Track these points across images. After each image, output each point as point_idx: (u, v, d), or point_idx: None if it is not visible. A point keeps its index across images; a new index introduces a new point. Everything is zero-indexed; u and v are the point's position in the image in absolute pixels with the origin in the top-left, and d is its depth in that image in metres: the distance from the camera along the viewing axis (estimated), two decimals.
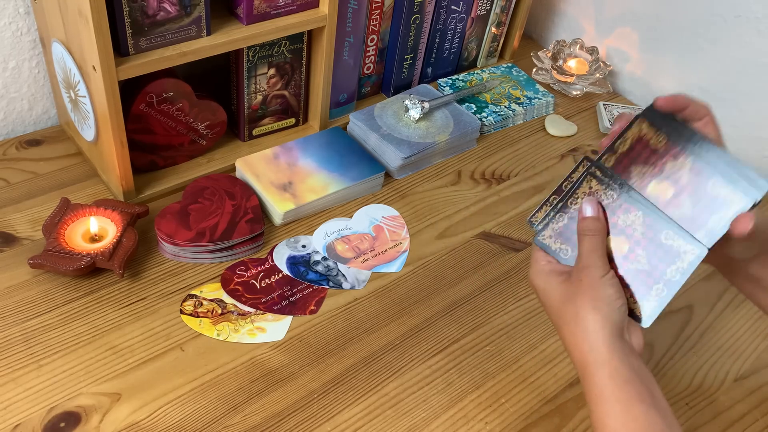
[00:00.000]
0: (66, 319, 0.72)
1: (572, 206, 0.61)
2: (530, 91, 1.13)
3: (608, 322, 0.54)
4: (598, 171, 0.60)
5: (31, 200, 0.84)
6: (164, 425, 0.65)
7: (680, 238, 0.57)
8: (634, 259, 0.57)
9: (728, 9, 1.03)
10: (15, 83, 0.92)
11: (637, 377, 0.53)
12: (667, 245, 0.57)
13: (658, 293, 0.57)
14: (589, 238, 0.57)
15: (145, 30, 0.74)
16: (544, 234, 0.61)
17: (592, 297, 0.55)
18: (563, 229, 0.61)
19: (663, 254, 0.57)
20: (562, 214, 0.61)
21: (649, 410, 0.52)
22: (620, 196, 0.59)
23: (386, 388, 0.71)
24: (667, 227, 0.57)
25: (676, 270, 0.56)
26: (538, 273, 0.60)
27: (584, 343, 0.55)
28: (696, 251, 0.56)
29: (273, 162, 0.90)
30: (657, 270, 0.57)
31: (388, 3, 0.99)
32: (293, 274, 0.80)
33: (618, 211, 0.59)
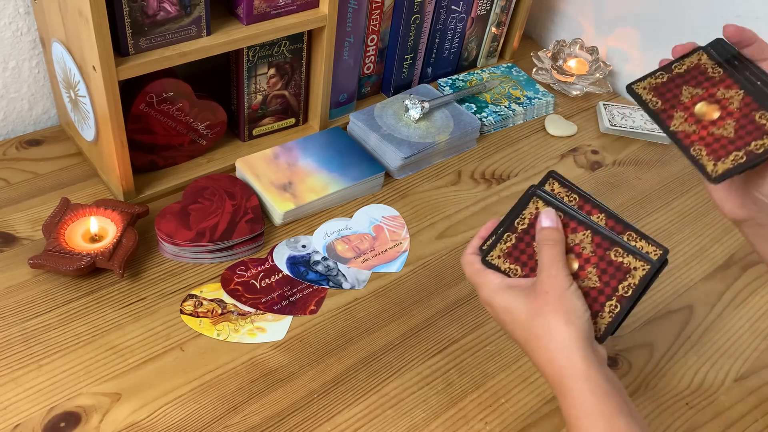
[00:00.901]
0: (66, 319, 0.72)
1: (519, 226, 0.61)
2: (530, 91, 1.13)
3: (581, 335, 0.54)
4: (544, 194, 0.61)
5: (31, 200, 0.84)
6: (164, 425, 0.65)
7: (630, 255, 0.58)
8: (585, 276, 0.58)
9: (728, 9, 1.03)
10: (15, 83, 0.92)
11: (614, 389, 0.53)
12: (617, 262, 0.58)
13: (611, 310, 0.57)
14: (549, 247, 0.57)
15: (145, 30, 0.74)
16: (492, 255, 0.62)
17: (563, 310, 0.54)
18: (511, 249, 0.61)
19: (614, 271, 0.58)
20: (509, 234, 0.61)
21: (630, 422, 0.52)
22: (567, 216, 0.60)
23: (386, 388, 0.71)
24: (616, 245, 0.58)
25: (628, 286, 0.57)
26: (495, 292, 0.59)
27: (560, 357, 0.54)
28: (647, 266, 0.57)
29: (273, 162, 0.90)
30: (608, 287, 0.58)
31: (388, 3, 0.99)
32: (293, 274, 0.80)
33: (566, 230, 0.60)
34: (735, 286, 0.86)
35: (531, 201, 0.61)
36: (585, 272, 0.58)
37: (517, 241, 0.61)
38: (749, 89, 0.57)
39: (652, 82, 0.61)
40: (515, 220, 0.62)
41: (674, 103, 0.60)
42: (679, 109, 0.59)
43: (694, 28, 1.08)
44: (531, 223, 0.61)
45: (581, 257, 0.59)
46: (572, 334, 0.54)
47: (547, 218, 0.59)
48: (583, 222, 0.60)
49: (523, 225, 0.61)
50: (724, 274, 0.88)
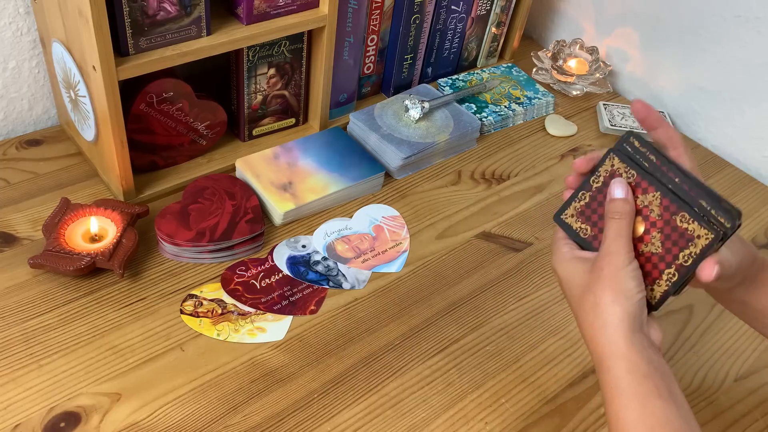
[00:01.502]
0: (66, 319, 0.72)
1: (594, 184, 0.59)
2: (530, 91, 1.13)
3: (628, 316, 0.53)
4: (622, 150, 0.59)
5: (31, 200, 0.84)
6: (164, 425, 0.65)
7: (695, 221, 0.54)
8: (649, 241, 0.56)
9: (728, 9, 1.03)
10: (15, 83, 0.92)
11: (655, 372, 0.52)
12: (681, 228, 0.55)
13: (669, 278, 0.55)
14: (616, 222, 0.56)
15: (145, 30, 0.74)
16: (566, 213, 0.60)
17: (612, 289, 0.54)
18: (584, 208, 0.60)
19: (677, 237, 0.55)
20: (583, 193, 0.60)
21: (667, 405, 0.51)
22: (639, 175, 0.57)
23: (386, 388, 0.71)
24: (683, 209, 0.55)
25: (689, 255, 0.54)
26: (560, 261, 0.59)
27: (602, 336, 0.54)
28: (710, 236, 0.53)
29: (273, 162, 0.90)
30: (670, 254, 0.55)
31: (388, 3, 0.99)
32: (293, 274, 0.80)
33: (637, 191, 0.57)
34: None
35: (607, 158, 0.59)
36: (649, 236, 0.56)
37: (590, 200, 0.59)
38: (664, 190, 0.56)
39: (577, 207, 0.60)
40: (590, 177, 0.60)
41: (602, 225, 0.58)
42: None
43: (694, 28, 1.08)
44: (605, 181, 0.59)
45: (648, 220, 0.56)
46: (617, 314, 0.53)
47: (618, 188, 0.57)
48: (654, 182, 0.56)
49: (597, 183, 0.59)
50: None
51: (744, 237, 0.93)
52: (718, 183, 1.03)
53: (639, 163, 0.58)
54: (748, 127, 1.06)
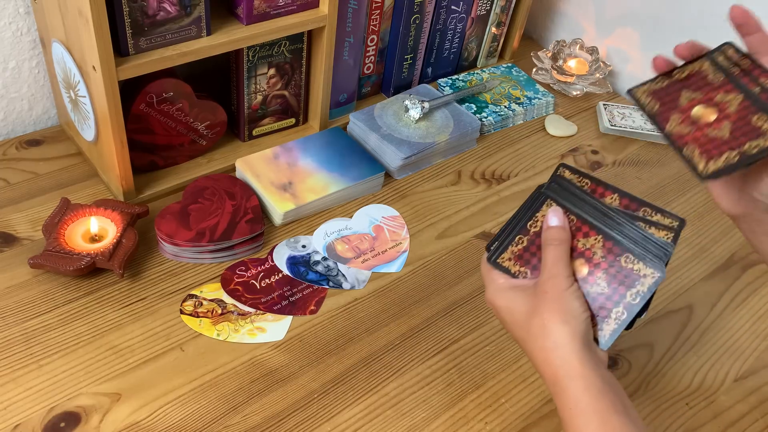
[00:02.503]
0: (66, 319, 0.72)
1: (531, 228, 0.61)
2: (530, 91, 1.13)
3: (577, 334, 0.54)
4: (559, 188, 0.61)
5: (31, 200, 0.84)
6: (164, 425, 0.65)
7: (640, 262, 0.57)
8: (594, 282, 0.58)
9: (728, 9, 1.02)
10: (15, 83, 0.92)
11: (609, 388, 0.53)
12: (627, 269, 0.57)
13: (618, 316, 0.57)
14: (554, 247, 0.57)
15: (145, 30, 0.74)
16: (503, 257, 0.61)
17: (559, 310, 0.55)
18: (522, 251, 0.61)
19: (623, 278, 0.57)
20: (521, 237, 0.61)
21: (624, 420, 0.52)
22: (580, 219, 0.59)
23: (386, 388, 0.71)
24: (627, 251, 0.57)
25: (636, 293, 0.57)
26: (497, 291, 0.60)
27: (555, 357, 0.54)
28: (656, 275, 0.56)
29: (273, 162, 0.90)
30: (617, 293, 0.57)
31: (388, 3, 0.99)
32: (293, 274, 0.80)
33: (578, 234, 0.59)
34: (735, 286, 0.86)
35: (545, 204, 0.61)
36: (594, 278, 0.58)
37: (528, 243, 0.61)
38: (748, 93, 0.57)
39: (652, 87, 0.62)
40: (528, 222, 0.61)
41: (672, 106, 0.60)
42: (676, 112, 0.59)
43: (694, 28, 1.08)
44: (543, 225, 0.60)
45: (591, 262, 0.58)
46: (568, 334, 0.54)
47: (554, 216, 0.59)
48: (596, 226, 0.59)
49: (536, 228, 0.61)
50: (724, 274, 0.88)
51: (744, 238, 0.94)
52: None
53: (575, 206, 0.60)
54: None
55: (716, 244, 0.92)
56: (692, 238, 0.92)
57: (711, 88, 0.59)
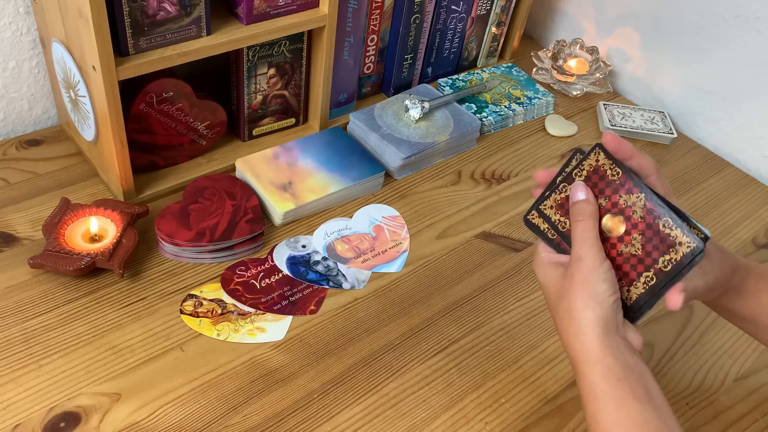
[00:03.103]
0: (66, 319, 0.72)
1: (577, 178, 0.59)
2: (530, 91, 1.13)
3: (600, 320, 0.53)
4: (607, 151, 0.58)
5: (31, 200, 0.84)
6: (164, 425, 0.65)
7: (678, 229, 0.54)
8: (629, 242, 0.56)
9: (728, 9, 1.03)
10: (15, 83, 0.92)
11: (631, 374, 0.52)
12: (663, 233, 0.55)
13: (647, 281, 0.55)
14: (581, 223, 0.56)
15: (145, 30, 0.74)
16: (546, 204, 0.60)
17: (584, 294, 0.54)
18: (565, 200, 0.59)
19: (658, 242, 0.55)
20: (564, 185, 0.59)
21: (643, 407, 0.51)
22: (625, 174, 0.57)
23: (386, 388, 0.71)
24: (667, 215, 0.55)
25: (669, 261, 0.54)
26: (538, 265, 0.60)
27: (576, 342, 0.54)
28: (692, 245, 0.53)
29: (273, 162, 0.90)
30: (649, 257, 0.55)
31: (388, 3, 0.99)
32: (293, 274, 0.80)
33: (621, 190, 0.57)
34: None
35: (593, 152, 0.58)
36: (630, 237, 0.55)
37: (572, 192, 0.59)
38: (648, 192, 0.55)
39: (557, 199, 0.59)
40: (573, 170, 0.59)
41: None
42: None
43: (694, 28, 1.08)
44: (588, 175, 0.58)
45: (630, 221, 0.56)
46: (590, 319, 0.53)
47: (579, 191, 0.57)
48: (639, 184, 0.56)
49: (581, 177, 0.59)
50: None
51: (744, 238, 0.94)
52: (718, 183, 1.03)
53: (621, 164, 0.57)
54: (748, 127, 1.06)
55: None
56: None
57: (612, 190, 0.57)
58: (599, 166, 0.58)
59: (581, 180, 0.58)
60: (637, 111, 1.12)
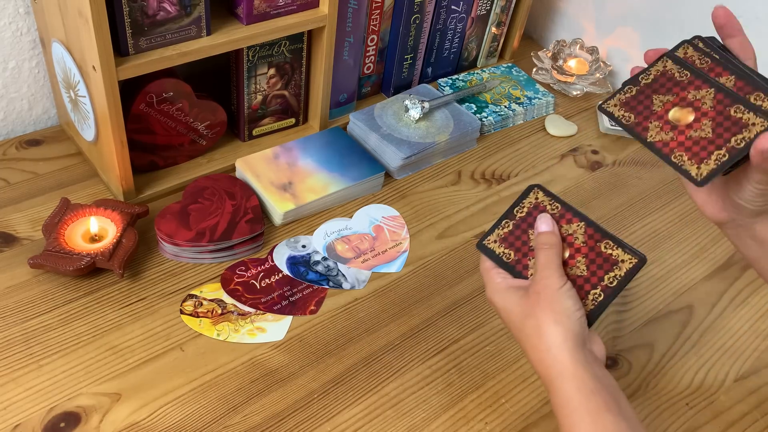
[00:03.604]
0: (66, 319, 0.72)
1: (518, 214, 0.65)
2: (530, 91, 1.13)
3: (570, 334, 0.55)
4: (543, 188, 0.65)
5: (31, 200, 0.84)
6: (164, 425, 0.65)
7: (619, 248, 0.60)
8: (574, 265, 0.60)
9: None
10: (15, 83, 0.92)
11: (603, 387, 0.54)
12: (606, 254, 0.60)
13: (595, 298, 0.59)
14: (546, 251, 0.59)
15: (145, 30, 0.74)
16: (489, 239, 0.65)
17: (552, 310, 0.56)
18: (507, 234, 0.64)
19: (602, 262, 0.60)
20: (507, 221, 0.65)
21: (616, 419, 0.52)
22: (564, 207, 0.63)
23: (386, 388, 0.71)
24: (606, 237, 0.60)
25: (614, 277, 0.59)
26: (495, 291, 0.61)
27: (548, 357, 0.55)
28: (635, 260, 0.59)
29: (273, 162, 0.90)
30: (595, 276, 0.60)
31: (388, 3, 0.99)
32: (293, 274, 0.80)
33: (561, 221, 0.62)
34: (735, 286, 0.86)
35: (531, 191, 0.65)
36: (574, 261, 0.61)
37: (513, 227, 0.64)
38: (719, 86, 0.57)
39: (621, 98, 0.61)
40: (515, 208, 0.65)
41: (647, 114, 0.59)
42: (653, 119, 0.59)
43: (694, 28, 1.07)
44: (529, 211, 0.64)
45: (572, 246, 0.61)
46: (560, 334, 0.55)
47: (544, 223, 0.61)
48: (578, 214, 0.62)
49: (521, 213, 0.64)
50: (724, 274, 0.88)
51: None
52: None
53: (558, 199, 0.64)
54: None
55: (716, 244, 0.92)
56: (692, 238, 0.92)
57: (681, 87, 0.59)
58: (539, 203, 0.64)
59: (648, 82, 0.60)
60: None
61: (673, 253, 0.90)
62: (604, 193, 0.98)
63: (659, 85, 0.60)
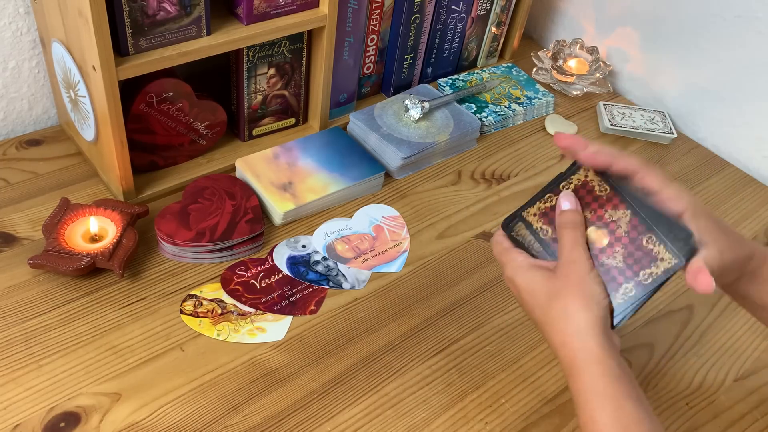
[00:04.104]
0: (66, 319, 0.72)
1: (563, 189, 0.60)
2: (530, 90, 1.13)
3: (599, 320, 0.54)
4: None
5: (31, 200, 0.84)
6: (164, 425, 0.65)
7: (661, 245, 0.56)
8: (611, 254, 0.57)
9: (728, 9, 1.03)
10: (15, 83, 0.92)
11: (625, 375, 0.54)
12: (647, 249, 0.57)
13: (626, 293, 0.56)
14: (570, 231, 0.57)
15: (145, 30, 0.74)
16: (528, 211, 0.61)
17: (581, 294, 0.55)
18: (549, 209, 0.60)
19: (640, 256, 0.56)
20: (551, 195, 0.61)
21: (638, 407, 0.52)
22: (614, 190, 0.58)
23: (386, 388, 0.71)
24: (651, 231, 0.56)
25: (649, 275, 0.56)
26: (517, 269, 0.59)
27: (575, 341, 0.54)
28: (673, 261, 0.55)
29: (273, 162, 0.90)
30: (630, 270, 0.57)
31: (388, 3, 0.99)
32: (293, 274, 0.80)
33: (607, 205, 0.58)
34: None
35: (582, 168, 0.60)
36: (612, 250, 0.57)
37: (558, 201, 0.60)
38: (635, 210, 0.57)
39: (541, 207, 0.61)
40: (561, 182, 0.61)
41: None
42: None
43: (694, 28, 1.08)
44: (576, 188, 0.60)
45: (614, 234, 0.58)
46: (589, 320, 0.54)
47: (566, 201, 0.59)
48: (626, 200, 0.58)
49: (568, 189, 0.60)
50: None
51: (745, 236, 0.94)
52: (718, 183, 1.03)
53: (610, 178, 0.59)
54: (748, 127, 1.06)
55: None
56: None
57: (599, 204, 0.59)
58: (588, 181, 0.60)
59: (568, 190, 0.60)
60: (637, 111, 1.12)
61: None
62: None
63: (579, 198, 0.59)
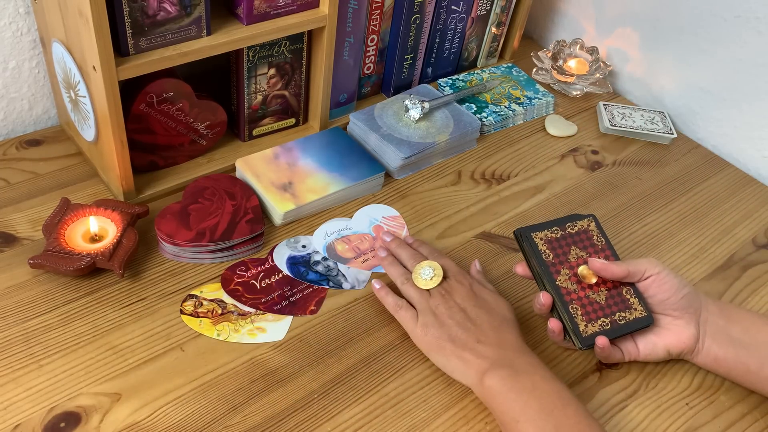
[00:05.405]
0: (66, 319, 0.72)
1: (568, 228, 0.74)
2: (530, 91, 1.13)
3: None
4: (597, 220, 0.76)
5: (31, 200, 0.84)
6: (164, 425, 0.65)
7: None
8: (597, 291, 0.71)
9: (728, 9, 1.03)
10: (15, 83, 0.92)
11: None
12: (624, 297, 0.71)
13: (603, 325, 0.69)
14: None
15: (145, 30, 0.74)
16: (537, 234, 0.73)
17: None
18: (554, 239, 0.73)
19: (619, 300, 0.71)
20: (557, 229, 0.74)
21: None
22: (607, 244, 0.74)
23: (386, 388, 0.71)
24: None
25: (624, 317, 0.70)
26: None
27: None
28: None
29: (273, 162, 0.90)
30: (609, 309, 0.70)
31: (388, 3, 0.99)
32: (293, 274, 0.80)
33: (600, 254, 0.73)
34: (735, 286, 0.86)
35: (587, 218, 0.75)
36: (598, 289, 0.71)
37: (561, 237, 0.73)
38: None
39: (548, 235, 0.73)
40: (567, 222, 0.74)
41: (563, 260, 0.71)
42: (566, 267, 0.71)
43: (694, 28, 1.08)
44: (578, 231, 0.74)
45: (599, 278, 0.71)
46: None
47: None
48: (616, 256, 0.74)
49: (572, 230, 0.74)
50: (724, 274, 0.88)
51: (744, 238, 0.94)
52: (718, 183, 1.03)
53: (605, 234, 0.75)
54: (748, 127, 1.06)
55: (716, 244, 0.92)
56: (692, 239, 0.92)
57: (594, 250, 0.73)
58: (588, 230, 0.74)
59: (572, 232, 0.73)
60: (637, 111, 1.12)
61: (673, 253, 0.90)
62: (604, 193, 0.98)
63: (579, 239, 0.73)
